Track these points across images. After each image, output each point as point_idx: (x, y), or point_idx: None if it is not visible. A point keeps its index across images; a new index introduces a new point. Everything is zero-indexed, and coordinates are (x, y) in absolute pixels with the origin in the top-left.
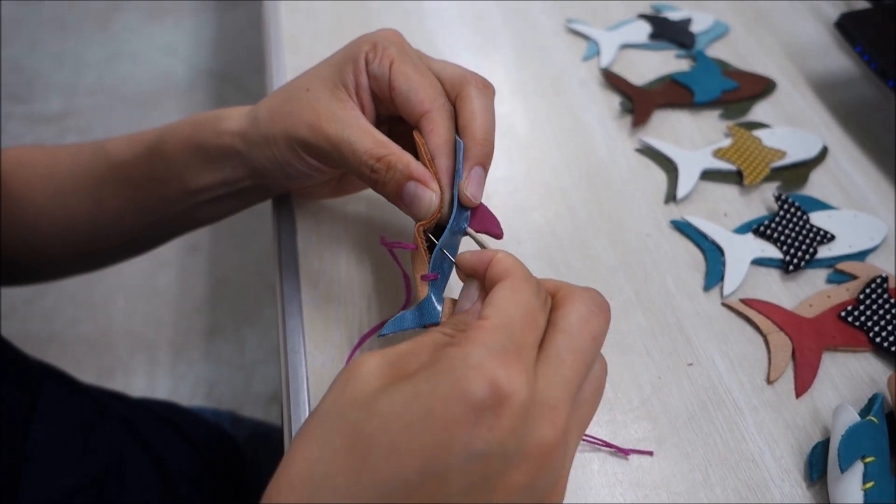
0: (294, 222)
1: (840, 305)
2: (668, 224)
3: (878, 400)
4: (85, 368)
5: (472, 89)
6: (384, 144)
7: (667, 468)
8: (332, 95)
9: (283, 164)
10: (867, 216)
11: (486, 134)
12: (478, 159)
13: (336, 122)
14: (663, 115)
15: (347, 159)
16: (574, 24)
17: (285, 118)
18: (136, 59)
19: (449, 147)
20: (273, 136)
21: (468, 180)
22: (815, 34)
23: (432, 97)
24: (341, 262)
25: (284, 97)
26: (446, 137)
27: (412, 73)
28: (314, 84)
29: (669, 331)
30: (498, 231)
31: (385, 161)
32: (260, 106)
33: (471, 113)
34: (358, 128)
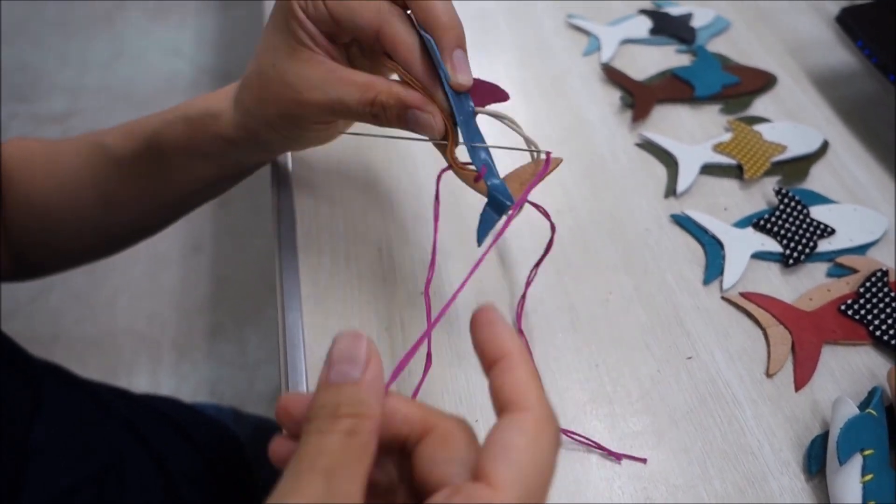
0: (294, 216)
1: (840, 299)
2: (668, 218)
3: (877, 393)
4: (88, 367)
5: None
6: (370, 86)
7: (665, 461)
8: (297, 60)
9: (295, 137)
10: (867, 210)
11: (450, 17)
12: (453, 44)
13: (316, 87)
14: (664, 109)
15: (345, 115)
16: (575, 19)
17: (271, 102)
18: (140, 59)
19: (417, 51)
20: (272, 121)
21: (454, 69)
22: (815, 29)
23: (375, 10)
24: (340, 256)
25: (259, 80)
26: (410, 43)
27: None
28: (276, 57)
29: (669, 325)
30: (502, 95)
31: (378, 103)
32: (242, 93)
33: (425, 3)
34: (338, 82)
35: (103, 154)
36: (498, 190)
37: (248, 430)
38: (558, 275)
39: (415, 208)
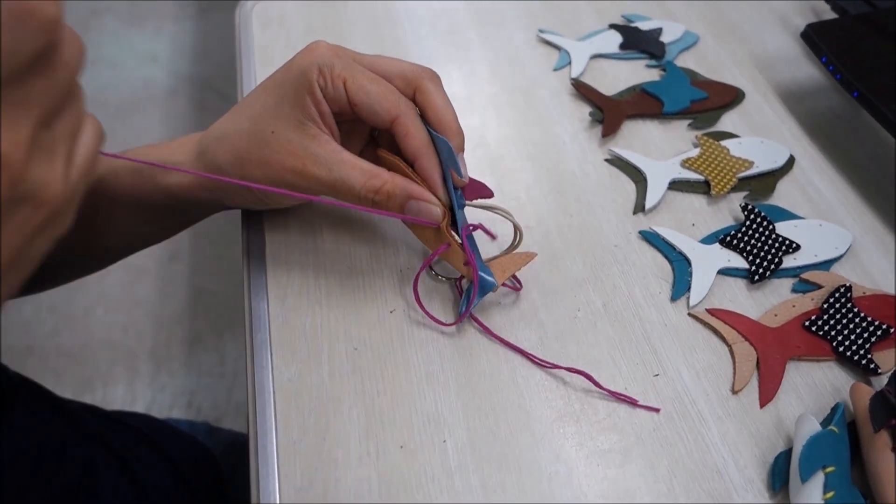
0: (263, 236)
1: (805, 315)
2: (637, 235)
3: (839, 410)
4: (64, 379)
5: (428, 83)
6: (375, 175)
7: (632, 480)
8: (304, 134)
9: (267, 201)
10: (832, 226)
11: (457, 123)
12: (460, 148)
13: (321, 163)
14: (633, 125)
15: (344, 196)
16: (545, 34)
17: (262, 166)
18: (115, 66)
19: (428, 145)
20: (253, 180)
21: (461, 164)
22: (783, 44)
23: (395, 102)
24: (310, 275)
25: (250, 142)
26: (422, 137)
27: (368, 85)
28: (279, 126)
29: (636, 342)
30: (487, 193)
31: (383, 192)
32: (215, 151)
33: (439, 107)
34: (344, 163)
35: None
36: (485, 273)
37: (221, 444)
38: (527, 290)
39: (385, 228)
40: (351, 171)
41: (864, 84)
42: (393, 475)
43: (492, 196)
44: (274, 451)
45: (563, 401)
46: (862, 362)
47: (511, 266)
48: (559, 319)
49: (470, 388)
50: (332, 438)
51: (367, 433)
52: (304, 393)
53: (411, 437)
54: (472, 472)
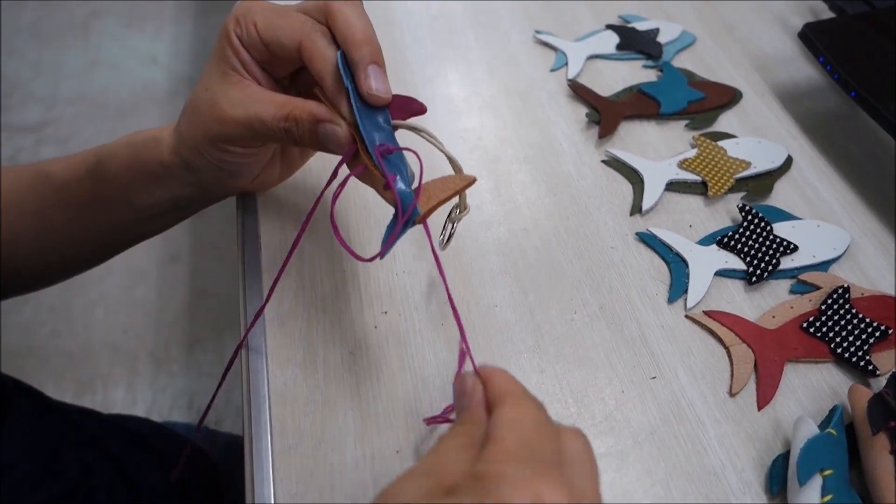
0: (258, 239)
1: (803, 316)
2: (634, 236)
3: (837, 412)
4: (64, 381)
5: (335, 3)
6: (285, 103)
7: (629, 483)
8: (226, 83)
9: (219, 163)
10: (830, 226)
11: (365, 34)
12: (368, 59)
13: (237, 104)
14: (630, 126)
15: (263, 133)
16: (542, 35)
17: (200, 124)
18: (115, 68)
19: (331, 65)
20: (198, 143)
21: (366, 77)
22: (780, 44)
23: (298, 28)
24: (305, 279)
25: (193, 105)
26: (326, 56)
27: (274, 18)
28: (210, 82)
29: (633, 344)
30: (418, 107)
31: (291, 117)
32: (180, 120)
33: (344, 21)
34: (258, 100)
35: (44, 181)
36: (405, 198)
37: (219, 447)
38: (524, 294)
39: (380, 229)
40: (264, 106)
41: (862, 84)
42: (389, 480)
43: (424, 111)
44: (269, 455)
45: (560, 404)
46: (860, 364)
47: (439, 191)
48: (556, 322)
49: None
50: (328, 443)
51: (362, 438)
52: (300, 397)
53: (407, 441)
54: None
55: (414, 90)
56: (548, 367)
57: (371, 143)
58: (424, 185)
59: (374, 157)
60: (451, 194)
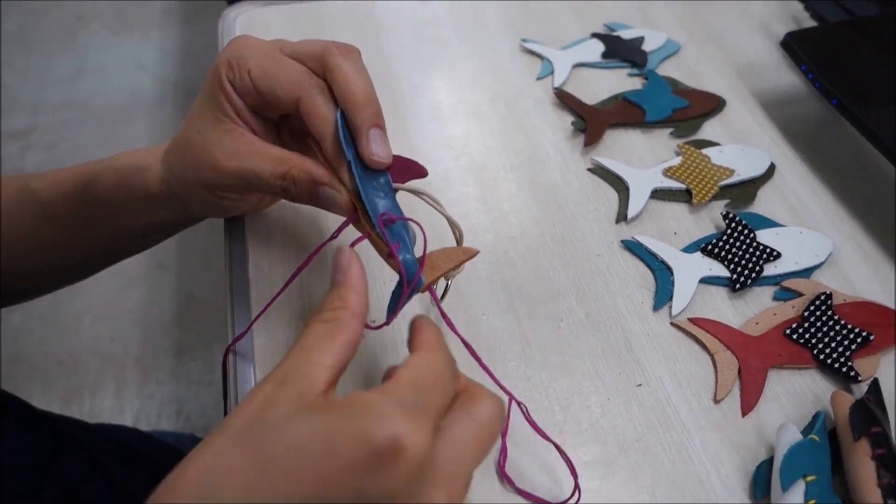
0: (246, 248)
1: (786, 323)
2: (619, 244)
3: (820, 418)
4: (52, 388)
5: (336, 59)
6: (283, 160)
7: (615, 491)
8: (220, 130)
9: (211, 205)
10: (813, 233)
11: (367, 96)
12: (370, 122)
13: (234, 156)
14: (615, 134)
15: (258, 187)
16: (528, 43)
17: (191, 168)
18: (102, 74)
19: (331, 126)
20: (188, 185)
21: (368, 142)
22: (763, 52)
23: (296, 81)
24: (293, 289)
25: (184, 146)
26: (325, 116)
27: (270, 67)
28: (202, 125)
29: (619, 352)
30: (419, 170)
31: (289, 176)
32: (168, 156)
33: (344, 80)
34: (255, 154)
35: (30, 199)
36: (409, 267)
37: None
38: (511, 302)
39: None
40: (260, 161)
41: (843, 92)
42: None
43: (425, 174)
44: None
45: (547, 412)
46: (842, 370)
47: (443, 262)
48: (541, 330)
49: None
50: None
51: None
52: None
53: None
54: None
55: (400, 97)
56: (534, 375)
57: (374, 211)
58: (429, 255)
59: (377, 226)
60: (455, 266)
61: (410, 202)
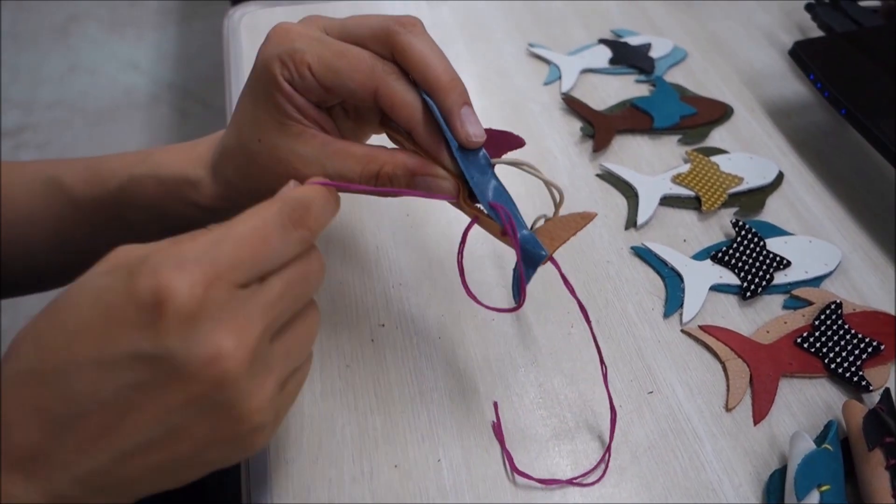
0: None
1: (796, 332)
2: (629, 250)
3: (832, 427)
4: None
5: (405, 38)
6: (371, 158)
7: (627, 498)
8: (287, 135)
9: None
10: (822, 242)
11: (450, 74)
12: (460, 103)
13: (311, 161)
14: (623, 140)
15: (347, 190)
16: (535, 48)
17: (260, 177)
18: (96, 73)
19: (420, 112)
20: (261, 194)
21: (463, 126)
22: (770, 61)
23: (368, 71)
24: None
25: (243, 154)
26: (411, 103)
27: (332, 59)
28: (262, 132)
29: (630, 359)
30: (517, 141)
31: (384, 176)
32: (222, 165)
33: (421, 61)
34: (336, 155)
35: (60, 194)
36: (528, 242)
37: None
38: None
39: (377, 241)
40: (345, 163)
41: (852, 101)
42: (387, 495)
43: (523, 144)
44: (266, 470)
45: (558, 419)
46: (853, 379)
47: (562, 231)
48: (553, 336)
49: (464, 406)
50: (325, 458)
51: (360, 453)
52: (296, 412)
53: (405, 456)
54: (466, 491)
55: None
56: (546, 381)
57: (482, 192)
58: (544, 226)
59: (487, 209)
60: (574, 232)
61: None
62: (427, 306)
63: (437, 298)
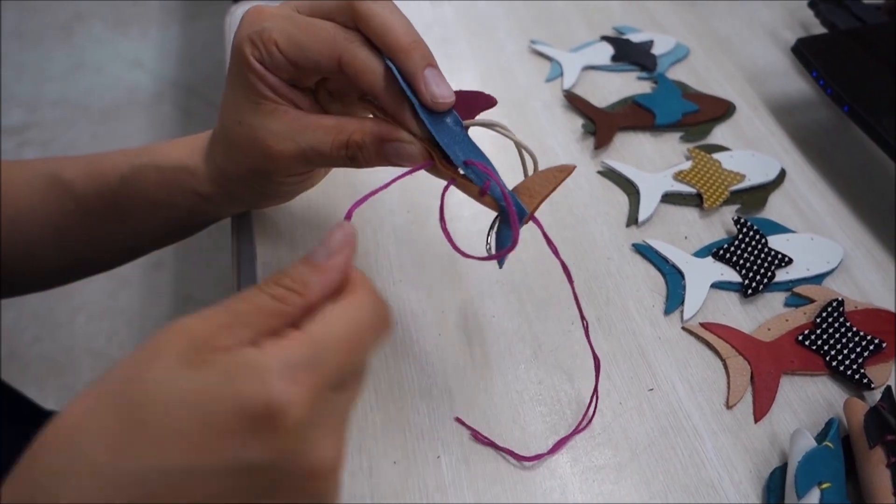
0: (253, 246)
1: (798, 329)
2: (630, 248)
3: (833, 425)
4: (46, 387)
5: (361, 5)
6: (340, 128)
7: (627, 495)
8: (261, 114)
9: (272, 192)
10: (823, 239)
11: (411, 37)
12: (422, 64)
13: (286, 138)
14: (625, 137)
15: (319, 162)
16: (537, 45)
17: (242, 163)
18: (99, 71)
19: (382, 77)
20: (246, 178)
21: (428, 87)
22: (773, 58)
23: (330, 41)
24: None
25: (225, 138)
26: (373, 68)
27: (297, 34)
28: (240, 114)
29: (631, 356)
30: (487, 101)
31: (353, 143)
32: (212, 150)
33: (381, 26)
34: (307, 129)
35: (61, 189)
36: (512, 199)
37: None
38: (521, 304)
39: (377, 238)
40: (315, 135)
41: (855, 99)
42: (387, 491)
43: (494, 103)
44: None
45: (558, 416)
46: (855, 377)
47: (541, 187)
48: (553, 333)
49: (464, 403)
50: None
51: (359, 449)
52: None
53: (405, 452)
54: (466, 488)
55: None
56: (546, 378)
57: (454, 154)
58: (522, 183)
59: (463, 169)
60: (554, 187)
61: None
62: (427, 303)
63: (438, 295)
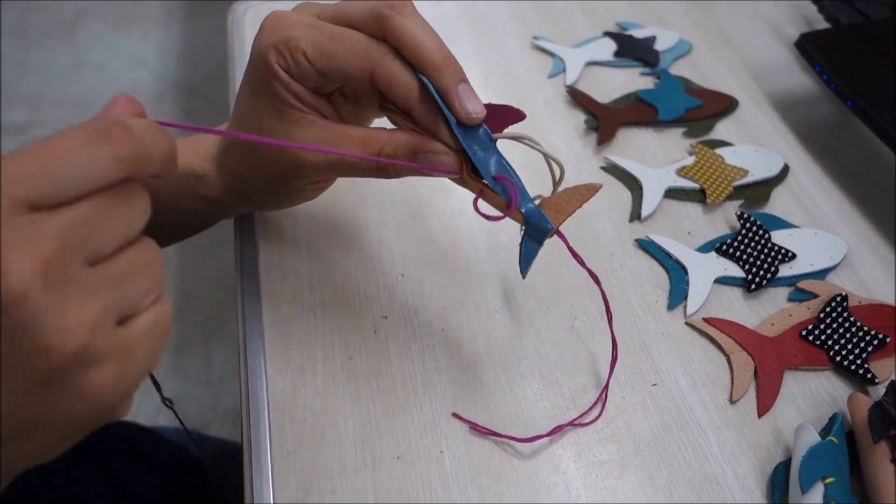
0: (256, 243)
1: (801, 324)
2: (633, 243)
3: (837, 420)
4: None
5: (396, 19)
6: (370, 140)
7: (631, 491)
8: (287, 123)
9: (290, 197)
10: (827, 235)
11: (443, 53)
12: (455, 80)
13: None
14: (628, 132)
15: (347, 172)
16: (540, 41)
17: (263, 166)
18: (102, 70)
19: (417, 91)
20: (264, 183)
21: (461, 103)
22: (776, 53)
23: (363, 53)
24: (304, 284)
25: (247, 149)
26: (407, 83)
27: (327, 44)
28: (262, 122)
29: (634, 351)
30: (518, 115)
31: (385, 156)
32: (225, 157)
33: (413, 42)
34: (334, 140)
35: None
36: (534, 215)
37: (210, 452)
38: (524, 300)
39: (379, 233)
40: (345, 146)
41: (858, 94)
42: (389, 487)
43: (523, 117)
44: (268, 462)
45: (562, 410)
46: (859, 372)
47: (567, 203)
48: (556, 329)
49: (467, 398)
50: (328, 449)
51: (362, 444)
52: (299, 403)
53: (408, 447)
54: (469, 483)
55: None
56: (549, 374)
57: (485, 168)
58: (549, 199)
59: (491, 183)
60: (580, 204)
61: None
62: (430, 298)
63: (440, 290)
